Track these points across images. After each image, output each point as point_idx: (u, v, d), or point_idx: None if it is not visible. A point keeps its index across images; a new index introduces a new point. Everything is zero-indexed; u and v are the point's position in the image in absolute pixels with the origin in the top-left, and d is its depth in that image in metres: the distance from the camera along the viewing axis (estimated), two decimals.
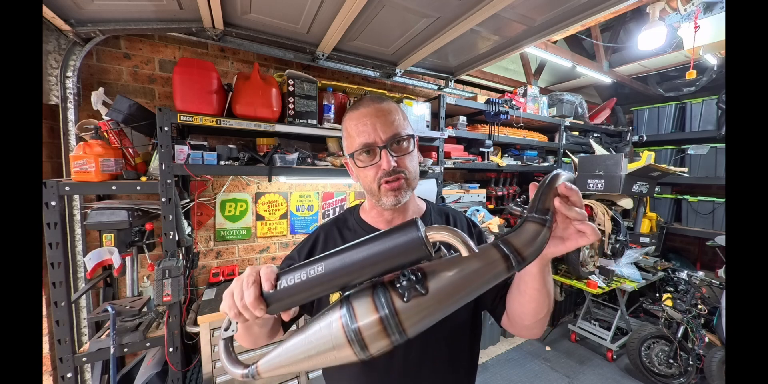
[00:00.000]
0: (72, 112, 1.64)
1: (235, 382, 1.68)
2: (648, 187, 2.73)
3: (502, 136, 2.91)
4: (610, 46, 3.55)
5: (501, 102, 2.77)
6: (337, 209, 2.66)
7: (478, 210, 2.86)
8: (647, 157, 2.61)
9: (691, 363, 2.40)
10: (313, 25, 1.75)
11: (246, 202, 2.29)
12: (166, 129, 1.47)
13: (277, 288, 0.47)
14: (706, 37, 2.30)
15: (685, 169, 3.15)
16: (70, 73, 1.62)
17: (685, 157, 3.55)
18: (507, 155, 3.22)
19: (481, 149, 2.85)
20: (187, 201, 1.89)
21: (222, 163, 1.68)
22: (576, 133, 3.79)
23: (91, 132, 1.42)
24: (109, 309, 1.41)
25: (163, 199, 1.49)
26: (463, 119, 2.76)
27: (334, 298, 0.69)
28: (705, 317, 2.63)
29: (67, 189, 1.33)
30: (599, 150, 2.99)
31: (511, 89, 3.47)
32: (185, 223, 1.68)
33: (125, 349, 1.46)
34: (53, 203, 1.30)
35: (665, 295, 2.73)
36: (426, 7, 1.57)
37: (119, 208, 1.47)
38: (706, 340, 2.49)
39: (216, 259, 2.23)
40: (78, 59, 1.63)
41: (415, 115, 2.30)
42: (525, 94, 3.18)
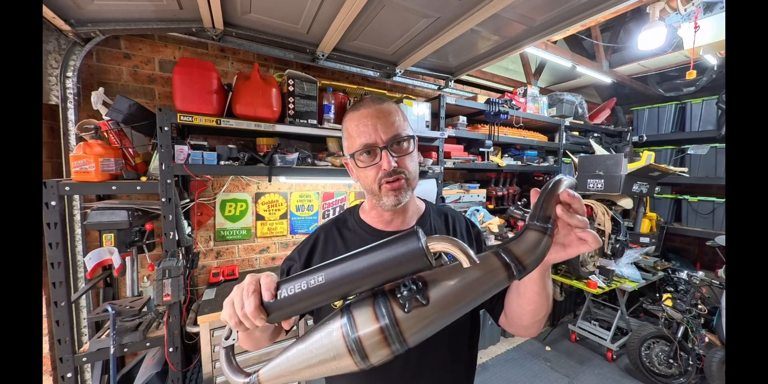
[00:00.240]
0: (72, 112, 1.64)
1: None
2: (648, 187, 2.73)
3: (502, 136, 2.91)
4: (610, 46, 3.55)
5: (501, 102, 2.77)
6: (337, 209, 2.66)
7: (478, 210, 2.86)
8: (647, 157, 2.61)
9: (691, 363, 2.40)
10: (313, 25, 1.75)
11: (246, 202, 2.29)
12: (166, 129, 1.47)
13: (278, 297, 0.46)
14: (706, 37, 2.30)
15: (685, 169, 3.15)
16: (70, 73, 1.62)
17: (685, 157, 3.55)
18: (507, 155, 3.22)
19: (481, 149, 2.85)
20: (187, 201, 1.89)
21: (222, 163, 1.68)
22: (576, 133, 3.79)
23: (91, 132, 1.42)
24: (109, 309, 1.41)
25: (163, 199, 1.49)
26: (463, 119, 2.76)
27: (338, 303, 0.69)
28: (705, 317, 2.63)
29: (67, 189, 1.33)
30: (599, 150, 2.99)
31: (511, 89, 3.47)
32: (185, 223, 1.68)
33: (125, 349, 1.46)
34: (53, 203, 1.30)
35: (665, 295, 2.73)
36: (426, 7, 1.57)
37: (119, 208, 1.47)
38: (706, 340, 2.49)
39: (216, 259, 2.23)
40: (78, 59, 1.63)
41: (415, 115, 2.30)
42: (525, 94, 3.18)
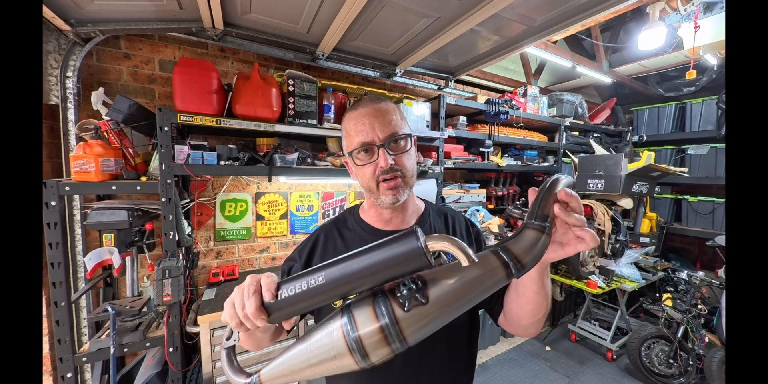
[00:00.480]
0: (72, 112, 1.64)
1: None
2: (648, 187, 2.73)
3: (502, 136, 2.91)
4: (610, 46, 3.55)
5: (501, 102, 2.77)
6: (337, 209, 2.66)
7: (478, 210, 2.86)
8: (647, 157, 2.61)
9: (691, 363, 2.40)
10: (313, 25, 1.75)
11: (246, 202, 2.29)
12: (166, 129, 1.47)
13: (278, 298, 0.47)
14: (706, 37, 2.30)
15: (685, 169, 3.15)
16: (70, 73, 1.62)
17: (685, 157, 3.55)
18: (507, 155, 3.22)
19: (481, 149, 2.85)
20: (187, 201, 1.89)
21: (222, 163, 1.68)
22: (576, 133, 3.79)
23: (91, 132, 1.42)
24: (109, 309, 1.41)
25: (163, 199, 1.49)
26: (463, 119, 2.76)
27: (339, 302, 0.69)
28: (705, 317, 2.63)
29: (67, 189, 1.33)
30: (599, 150, 2.99)
31: (511, 89, 3.47)
32: (185, 223, 1.68)
33: (125, 349, 1.46)
34: (53, 203, 1.30)
35: (665, 295, 2.73)
36: (426, 7, 1.57)
37: (119, 208, 1.47)
38: (706, 340, 2.49)
39: (216, 259, 2.23)
40: (78, 59, 1.63)
41: (415, 115, 2.30)
42: (525, 94, 3.18)
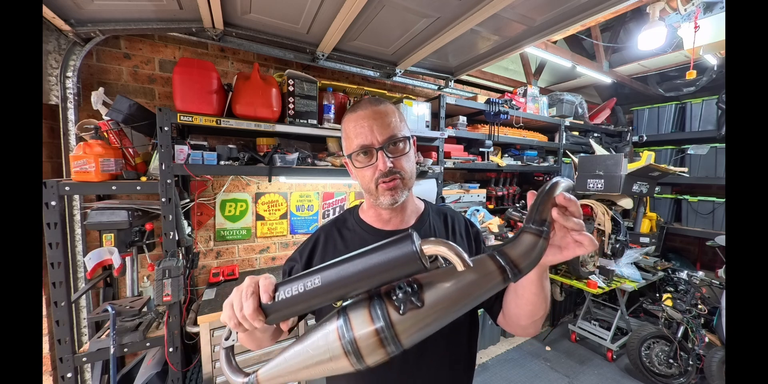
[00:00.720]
0: (72, 112, 1.64)
1: None
2: (648, 187, 2.73)
3: (502, 136, 2.91)
4: (610, 46, 3.55)
5: (501, 102, 2.76)
6: (337, 209, 2.66)
7: (478, 210, 2.86)
8: (647, 157, 2.61)
9: (691, 363, 2.40)
10: (313, 25, 1.75)
11: (246, 202, 2.29)
12: (166, 129, 1.47)
13: (276, 299, 0.47)
14: (706, 37, 2.30)
15: (685, 169, 3.15)
16: (70, 73, 1.62)
17: (685, 157, 3.55)
18: (507, 155, 3.22)
19: (481, 149, 2.85)
20: (187, 201, 1.89)
21: (222, 163, 1.68)
22: (576, 133, 3.79)
23: (91, 132, 1.42)
24: (109, 309, 1.41)
25: (163, 199, 1.49)
26: (463, 119, 2.76)
27: (339, 302, 0.70)
28: (705, 317, 2.63)
29: (67, 189, 1.33)
30: (599, 150, 2.99)
31: (511, 89, 3.47)
32: (185, 223, 1.68)
33: (125, 349, 1.46)
34: (53, 203, 1.30)
35: (665, 295, 2.73)
36: (426, 7, 1.57)
37: (119, 208, 1.47)
38: (706, 340, 2.49)
39: (216, 259, 2.23)
40: (78, 59, 1.63)
41: (415, 115, 2.30)
42: (525, 94, 3.18)
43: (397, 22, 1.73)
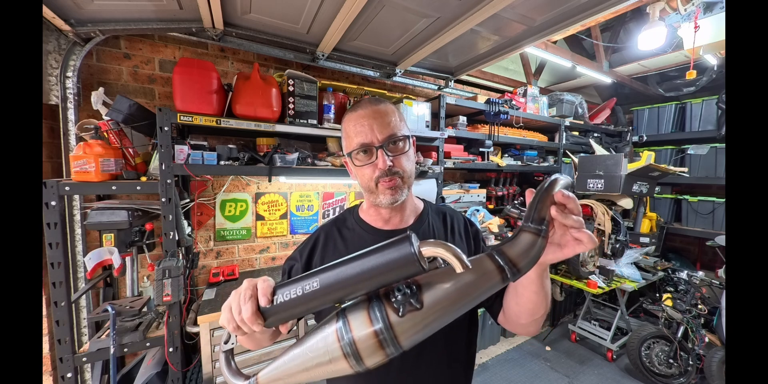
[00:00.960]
0: (72, 112, 1.64)
1: None
2: (648, 187, 2.73)
3: (502, 136, 2.91)
4: (610, 46, 3.55)
5: (501, 102, 2.76)
6: (337, 209, 2.66)
7: (478, 210, 2.86)
8: (647, 157, 2.61)
9: (691, 363, 2.40)
10: (313, 25, 1.75)
11: (246, 202, 2.29)
12: (166, 129, 1.47)
13: (274, 303, 0.47)
14: (706, 37, 2.30)
15: (685, 169, 3.15)
16: (70, 73, 1.62)
17: (685, 157, 3.55)
18: (507, 155, 3.22)
19: (481, 149, 2.85)
20: (187, 201, 1.89)
21: (222, 163, 1.68)
22: (576, 133, 3.79)
23: (91, 132, 1.42)
24: (109, 309, 1.41)
25: (163, 199, 1.49)
26: (463, 119, 2.76)
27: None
28: (705, 317, 2.63)
29: (67, 189, 1.33)
30: (599, 150, 2.99)
31: (511, 89, 3.47)
32: (185, 223, 1.68)
33: (125, 349, 1.46)
34: (53, 203, 1.30)
35: (665, 295, 2.73)
36: (426, 7, 1.57)
37: (119, 208, 1.47)
38: (706, 340, 2.49)
39: (216, 259, 2.23)
40: (78, 59, 1.63)
41: (415, 115, 2.29)
42: (525, 94, 3.18)
43: (397, 22, 1.73)
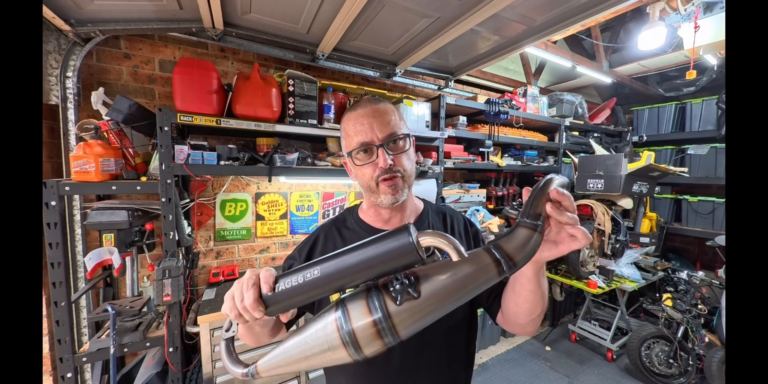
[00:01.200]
0: (72, 112, 1.64)
1: (235, 382, 1.68)
2: (648, 187, 2.73)
3: (502, 136, 2.91)
4: (610, 46, 3.55)
5: (501, 102, 2.76)
6: (337, 209, 2.66)
7: (478, 210, 2.86)
8: (647, 157, 2.61)
9: (691, 363, 2.40)
10: (313, 25, 1.75)
11: (246, 202, 2.29)
12: (166, 129, 1.47)
13: (276, 290, 0.48)
14: (706, 37, 2.30)
15: (685, 169, 3.15)
16: (70, 73, 1.62)
17: (685, 157, 3.55)
18: (507, 155, 3.22)
19: (481, 149, 2.85)
20: (187, 201, 1.89)
21: (222, 163, 1.68)
22: (576, 133, 3.79)
23: (91, 132, 1.42)
24: (109, 309, 1.41)
25: (163, 199, 1.49)
26: (463, 119, 2.76)
27: (335, 297, 0.70)
28: (705, 317, 2.63)
29: (67, 189, 1.33)
30: (599, 150, 2.99)
31: (511, 89, 3.47)
32: (185, 223, 1.68)
33: (125, 349, 1.46)
34: (53, 203, 1.30)
35: (665, 295, 2.73)
36: (426, 7, 1.57)
37: (119, 208, 1.47)
38: (706, 340, 2.49)
39: (216, 259, 2.23)
40: (78, 59, 1.63)
41: (415, 115, 2.29)
42: (525, 94, 3.18)
43: (397, 22, 1.73)
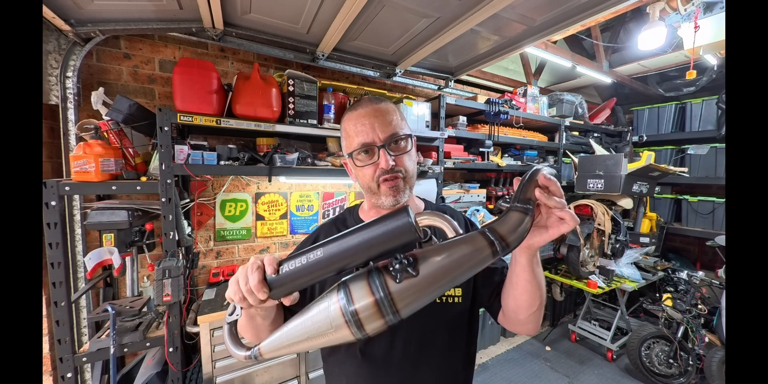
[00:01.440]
0: (72, 112, 1.64)
1: (235, 382, 1.68)
2: (648, 187, 2.73)
3: (502, 136, 2.91)
4: (610, 46, 3.55)
5: (501, 102, 2.76)
6: (337, 209, 2.66)
7: (478, 210, 2.85)
8: (647, 157, 2.62)
9: (691, 363, 2.41)
10: (313, 25, 1.75)
11: (246, 202, 2.29)
12: (166, 129, 1.47)
13: (280, 272, 0.50)
14: (706, 37, 2.30)
15: (685, 169, 3.16)
16: (70, 73, 1.62)
17: (685, 157, 3.55)
18: (507, 155, 3.22)
19: (481, 149, 2.84)
20: (187, 201, 1.89)
21: (222, 163, 1.68)
22: (576, 133, 3.79)
23: (91, 132, 1.42)
24: (109, 309, 1.41)
25: (163, 199, 1.49)
26: (463, 119, 2.76)
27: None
28: (705, 317, 2.63)
29: (67, 189, 1.33)
30: (599, 150, 2.99)
31: (511, 89, 3.47)
32: (185, 223, 1.68)
33: (125, 349, 1.46)
34: (53, 203, 1.30)
35: (665, 295, 2.73)
36: (426, 7, 1.57)
37: (119, 208, 1.47)
38: (706, 340, 2.49)
39: (216, 259, 2.23)
40: (78, 59, 1.63)
41: (415, 115, 2.29)
42: (525, 94, 3.18)
43: (397, 22, 1.73)
